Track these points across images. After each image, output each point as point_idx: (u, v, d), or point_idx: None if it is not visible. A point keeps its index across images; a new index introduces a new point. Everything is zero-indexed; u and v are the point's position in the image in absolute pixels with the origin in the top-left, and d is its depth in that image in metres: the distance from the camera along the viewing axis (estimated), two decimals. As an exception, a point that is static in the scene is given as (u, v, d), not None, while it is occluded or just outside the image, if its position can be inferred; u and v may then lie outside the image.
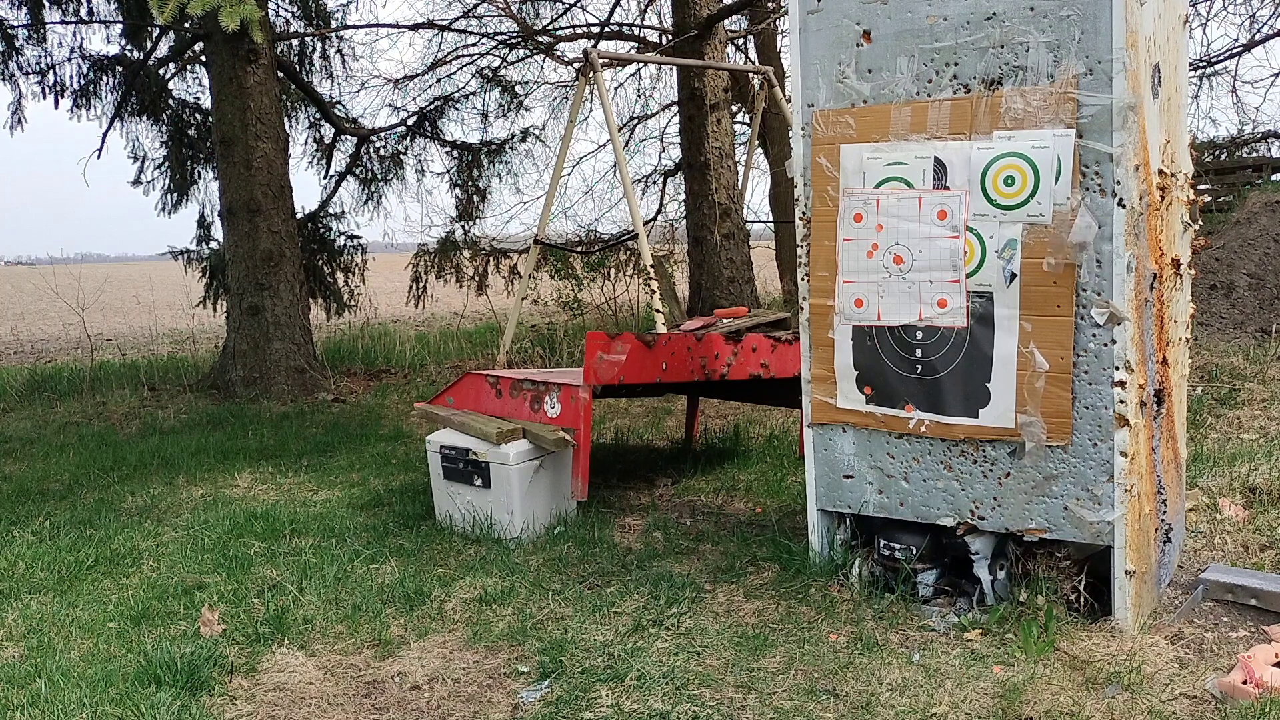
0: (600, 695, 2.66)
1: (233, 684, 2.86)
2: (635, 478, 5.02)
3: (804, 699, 2.59)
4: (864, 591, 3.21)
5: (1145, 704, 2.45)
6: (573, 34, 12.15)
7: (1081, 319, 2.80)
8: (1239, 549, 3.44)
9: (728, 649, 2.90)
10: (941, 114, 2.95)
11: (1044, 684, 2.56)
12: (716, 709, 2.56)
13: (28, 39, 9.41)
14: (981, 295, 2.93)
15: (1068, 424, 2.84)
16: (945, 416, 3.03)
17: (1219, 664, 2.65)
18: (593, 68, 6.17)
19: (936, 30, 2.94)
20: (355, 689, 2.81)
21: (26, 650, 3.16)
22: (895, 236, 3.05)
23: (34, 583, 3.79)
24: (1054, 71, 2.77)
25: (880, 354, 3.13)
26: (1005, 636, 2.86)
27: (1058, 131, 2.77)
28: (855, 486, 3.25)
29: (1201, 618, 2.95)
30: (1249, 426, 4.99)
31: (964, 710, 2.48)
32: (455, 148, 11.73)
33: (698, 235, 9.26)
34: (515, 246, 12.03)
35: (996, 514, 3.00)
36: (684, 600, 3.27)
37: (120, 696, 2.75)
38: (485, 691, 2.75)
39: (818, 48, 3.16)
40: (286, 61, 10.10)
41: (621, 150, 6.57)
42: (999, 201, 2.87)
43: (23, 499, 5.16)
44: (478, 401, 4.53)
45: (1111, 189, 2.72)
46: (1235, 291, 7.52)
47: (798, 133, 3.25)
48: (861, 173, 3.10)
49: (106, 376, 9.33)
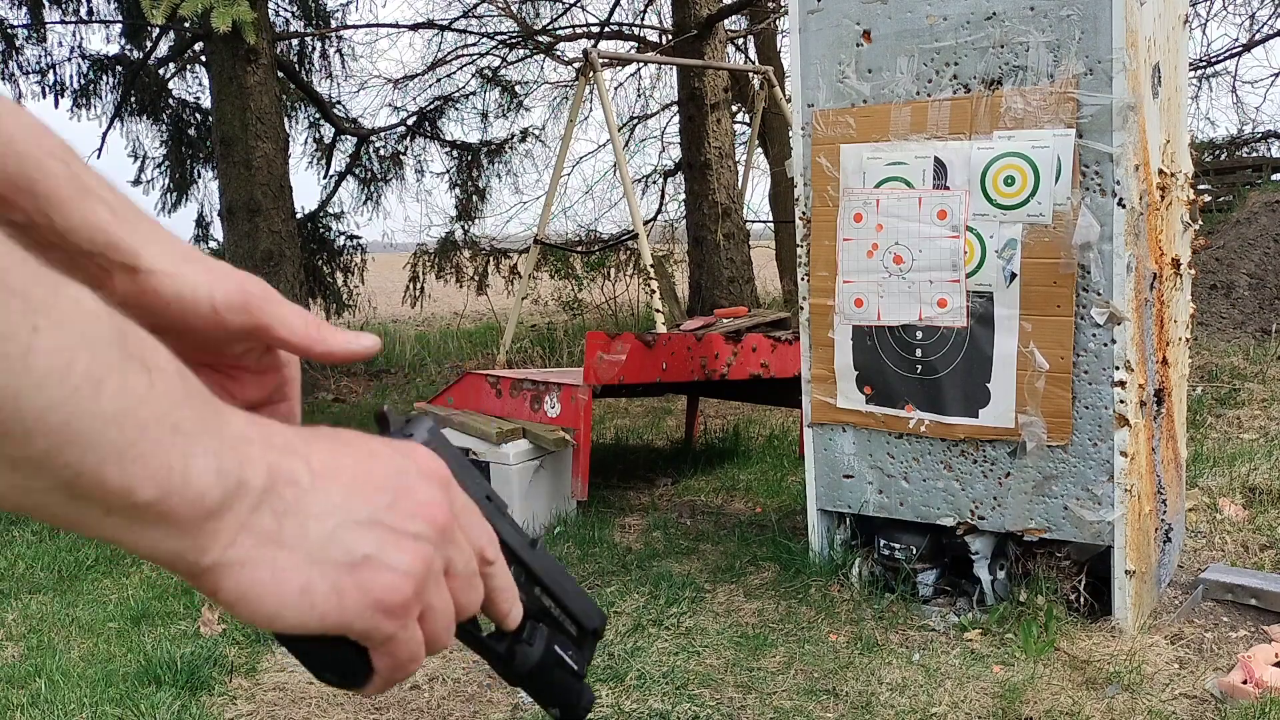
0: (600, 695, 2.66)
1: (233, 684, 2.86)
2: (635, 478, 5.02)
3: (804, 699, 2.59)
4: (864, 591, 3.21)
5: (1145, 704, 2.45)
6: (572, 34, 12.15)
7: (1081, 319, 2.80)
8: (1239, 549, 3.44)
9: (727, 649, 2.90)
10: (941, 114, 2.95)
11: (1044, 684, 2.56)
12: (716, 709, 2.56)
13: (28, 39, 9.42)
14: (981, 295, 2.93)
15: (1068, 424, 2.84)
16: (945, 416, 3.03)
17: (1219, 664, 2.65)
18: (593, 67, 6.17)
19: (936, 30, 2.94)
20: (355, 689, 2.81)
21: (26, 650, 3.16)
22: (895, 236, 3.05)
23: (34, 582, 3.79)
24: (1054, 71, 2.77)
25: (880, 354, 3.13)
26: (1005, 636, 2.86)
27: (1058, 131, 2.77)
28: (855, 486, 3.25)
29: (1201, 617, 2.95)
30: (1249, 426, 4.99)
31: (964, 710, 2.48)
32: (455, 147, 11.73)
33: (698, 235, 9.27)
34: (515, 246, 12.03)
35: (996, 514, 3.00)
36: (684, 600, 3.27)
37: (120, 696, 2.75)
38: (485, 691, 2.75)
39: (818, 47, 3.16)
40: (286, 61, 10.10)
41: (621, 150, 6.57)
42: (999, 201, 2.87)
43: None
44: (478, 401, 4.53)
45: (1111, 189, 2.72)
46: (1235, 291, 7.52)
47: (798, 132, 3.25)
48: (861, 172, 3.10)
49: (106, 376, 9.31)
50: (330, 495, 0.44)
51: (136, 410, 0.36)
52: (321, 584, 0.43)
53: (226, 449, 0.40)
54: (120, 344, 0.36)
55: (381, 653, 0.47)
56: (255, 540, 0.41)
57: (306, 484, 0.43)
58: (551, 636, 0.58)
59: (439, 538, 0.48)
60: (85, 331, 0.35)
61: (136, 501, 0.37)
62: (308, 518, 0.43)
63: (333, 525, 0.44)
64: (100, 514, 0.37)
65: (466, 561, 0.50)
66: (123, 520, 0.38)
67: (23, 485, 0.35)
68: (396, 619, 0.46)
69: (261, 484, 0.41)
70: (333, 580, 0.43)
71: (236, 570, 0.41)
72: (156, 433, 0.37)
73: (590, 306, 11.28)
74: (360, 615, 0.45)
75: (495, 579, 0.54)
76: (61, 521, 0.37)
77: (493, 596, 0.54)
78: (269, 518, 0.42)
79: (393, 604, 0.45)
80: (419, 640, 0.48)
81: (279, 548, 0.42)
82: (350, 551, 0.44)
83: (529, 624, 0.57)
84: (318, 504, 0.43)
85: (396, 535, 0.46)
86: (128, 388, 0.36)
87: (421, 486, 0.48)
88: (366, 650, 0.47)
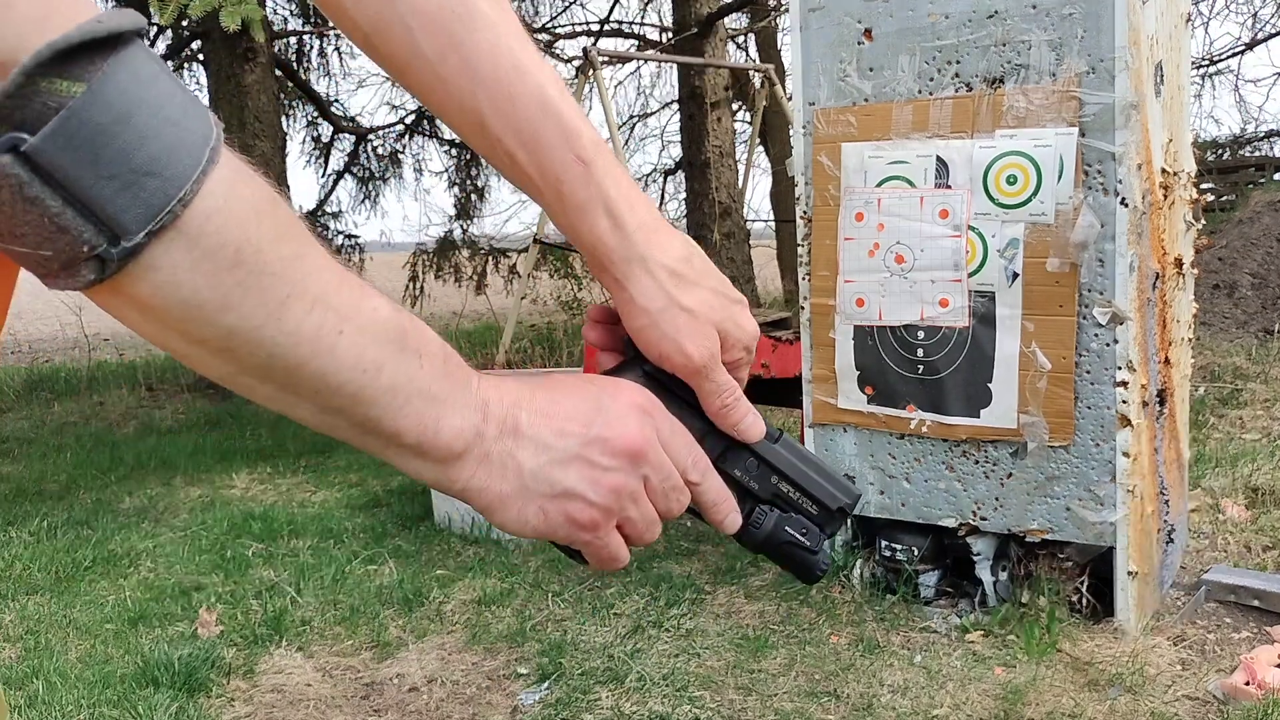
0: (600, 697, 2.64)
1: (230, 685, 2.84)
2: (635, 477, 5.00)
3: (805, 701, 2.58)
4: (865, 593, 3.20)
5: (1148, 705, 2.44)
6: (572, 32, 12.13)
7: (1084, 318, 2.78)
8: (1242, 550, 3.43)
9: (728, 650, 2.89)
10: (943, 112, 2.93)
11: (1046, 685, 2.54)
12: (717, 711, 2.55)
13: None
14: (983, 295, 2.91)
15: (1070, 424, 2.82)
16: (947, 417, 3.01)
17: (1222, 665, 2.64)
18: (592, 65, 6.16)
19: (938, 28, 2.92)
20: (353, 690, 2.79)
21: (24, 651, 3.14)
22: (897, 236, 3.03)
23: (31, 583, 3.77)
24: (1056, 70, 2.75)
25: (881, 354, 3.11)
26: (1007, 638, 2.85)
27: (1060, 130, 2.75)
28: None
29: (1204, 619, 2.94)
30: (1252, 427, 4.97)
31: (966, 712, 2.47)
32: (454, 146, 11.70)
33: (698, 234, 9.25)
34: (514, 246, 12.01)
35: (998, 515, 2.98)
36: (684, 601, 3.26)
37: (118, 698, 2.73)
38: (484, 694, 2.74)
39: (819, 46, 3.14)
40: (284, 60, 10.08)
41: (621, 148, 6.56)
42: (1001, 200, 2.86)
43: (20, 499, 5.14)
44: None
45: (1114, 188, 2.70)
46: (1238, 291, 7.50)
47: (799, 131, 3.23)
48: (863, 171, 3.08)
49: (104, 376, 9.31)
50: (543, 435, 0.58)
51: (406, 385, 0.52)
52: (531, 508, 0.59)
53: (471, 409, 0.56)
54: (400, 341, 0.52)
55: (587, 553, 0.62)
56: (487, 473, 0.57)
57: (526, 428, 0.58)
58: (782, 519, 0.69)
59: (631, 464, 0.60)
60: (376, 333, 0.51)
61: (405, 443, 0.54)
62: (524, 459, 0.58)
63: (543, 462, 0.58)
64: (382, 446, 0.54)
65: (665, 477, 0.62)
66: (398, 452, 0.55)
67: (332, 423, 0.53)
68: (590, 532, 0.60)
69: (494, 432, 0.57)
70: (539, 505, 0.59)
71: (476, 494, 0.57)
72: (420, 401, 0.53)
73: (590, 306, 11.25)
74: (561, 530, 0.60)
75: (706, 494, 0.66)
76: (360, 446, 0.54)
77: (706, 509, 0.66)
78: (497, 460, 0.57)
79: (584, 522, 0.60)
80: (618, 542, 0.62)
81: (503, 479, 0.57)
82: (553, 485, 0.59)
83: (757, 509, 0.69)
84: (532, 444, 0.58)
85: (591, 468, 0.59)
86: (401, 369, 0.52)
87: (618, 419, 0.60)
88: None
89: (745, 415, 0.68)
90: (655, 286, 0.64)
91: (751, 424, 0.68)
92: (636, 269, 0.65)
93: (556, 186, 0.63)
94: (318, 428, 0.54)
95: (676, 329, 0.64)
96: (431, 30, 0.61)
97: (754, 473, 0.69)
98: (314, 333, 0.48)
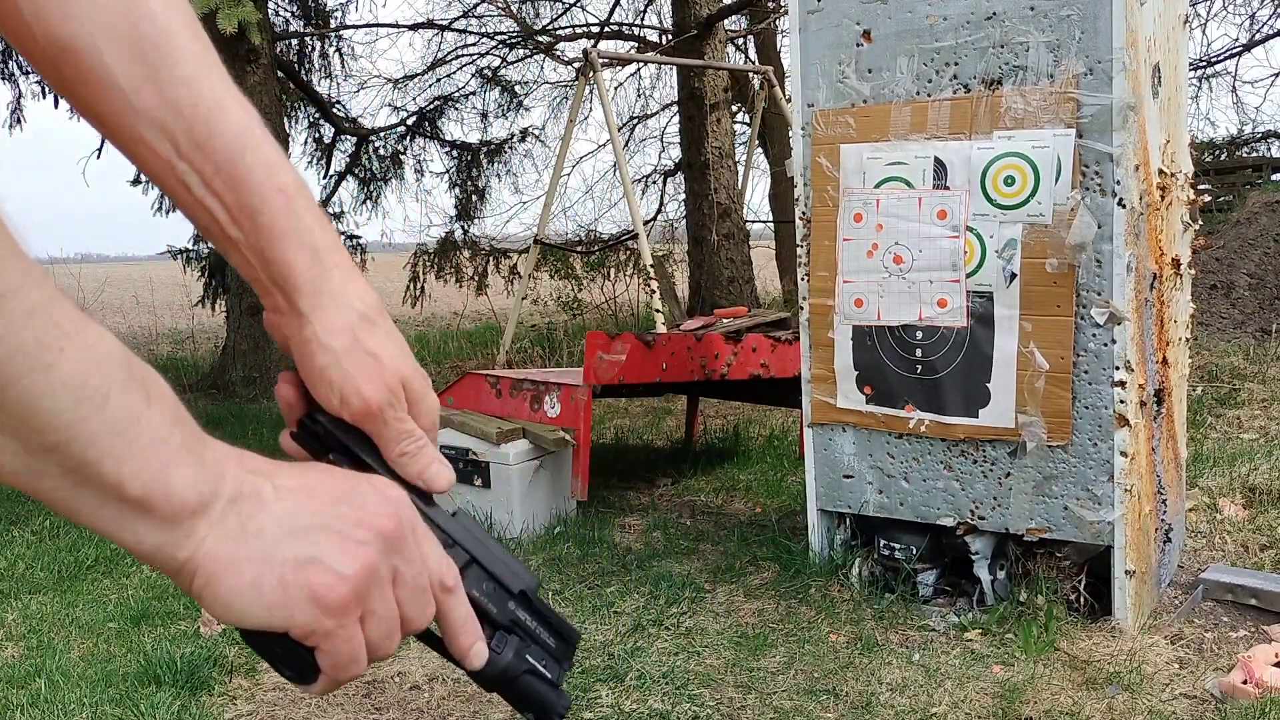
0: (600, 695, 2.65)
1: (232, 684, 2.86)
2: (635, 478, 5.02)
3: (804, 699, 2.59)
4: (864, 591, 3.21)
5: (1145, 704, 2.45)
6: (572, 34, 12.15)
7: (1082, 319, 2.80)
8: (1239, 549, 3.44)
9: (727, 649, 2.90)
10: (941, 114, 2.95)
11: (1044, 684, 2.56)
12: (716, 709, 2.56)
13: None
14: (981, 295, 2.93)
15: (1068, 424, 2.84)
16: (945, 416, 3.03)
17: (1219, 664, 2.65)
18: (592, 67, 6.17)
19: (937, 30, 2.94)
20: (355, 689, 2.81)
21: (26, 650, 3.16)
22: (895, 236, 3.05)
23: (34, 582, 3.79)
24: (1054, 71, 2.77)
25: (880, 354, 3.13)
26: (1005, 636, 2.86)
27: (1058, 131, 2.77)
28: (855, 486, 3.25)
29: (1201, 618, 2.95)
30: (1249, 426, 4.99)
31: (964, 710, 2.48)
32: (455, 147, 11.72)
33: (698, 235, 9.26)
34: (515, 246, 12.02)
35: (997, 514, 3.00)
36: (684, 600, 3.27)
37: (120, 696, 2.74)
38: (485, 692, 2.75)
39: (818, 47, 3.16)
40: (286, 61, 10.10)
41: (621, 150, 6.57)
42: (999, 201, 2.87)
43: (22, 498, 5.15)
44: (477, 401, 4.53)
45: (1111, 189, 2.72)
46: (1235, 291, 7.52)
47: (797, 132, 3.25)
48: (861, 172, 3.10)
49: (106, 376, 9.31)
50: (287, 505, 0.51)
51: (133, 423, 0.45)
52: (270, 578, 0.50)
53: (205, 465, 0.48)
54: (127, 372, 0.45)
55: (323, 650, 0.52)
56: (223, 534, 0.49)
57: (270, 497, 0.51)
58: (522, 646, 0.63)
59: (385, 546, 0.53)
60: (100, 359, 0.44)
61: (128, 495, 0.45)
62: (266, 523, 0.50)
63: (286, 529, 0.51)
64: (97, 504, 0.45)
65: (417, 574, 0.55)
66: (116, 511, 0.46)
67: (39, 470, 0.43)
68: (334, 616, 0.51)
69: (230, 494, 0.49)
70: (279, 575, 0.50)
71: (206, 564, 0.48)
72: (147, 443, 0.45)
73: (590, 306, 11.28)
74: (301, 609, 0.50)
75: (456, 609, 0.59)
76: (64, 507, 0.45)
77: (453, 630, 0.59)
78: (234, 521, 0.49)
79: (330, 601, 0.51)
80: (359, 641, 0.53)
81: (240, 544, 0.49)
82: (297, 552, 0.50)
83: (498, 634, 0.62)
84: (276, 512, 0.51)
85: (342, 539, 0.52)
86: (127, 404, 0.45)
87: (375, 501, 0.54)
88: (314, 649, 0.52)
89: (431, 463, 0.62)
90: (344, 325, 0.60)
91: (438, 472, 0.62)
92: (327, 302, 0.60)
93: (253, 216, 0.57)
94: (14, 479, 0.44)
95: (359, 369, 0.59)
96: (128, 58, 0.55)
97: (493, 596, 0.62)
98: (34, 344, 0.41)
